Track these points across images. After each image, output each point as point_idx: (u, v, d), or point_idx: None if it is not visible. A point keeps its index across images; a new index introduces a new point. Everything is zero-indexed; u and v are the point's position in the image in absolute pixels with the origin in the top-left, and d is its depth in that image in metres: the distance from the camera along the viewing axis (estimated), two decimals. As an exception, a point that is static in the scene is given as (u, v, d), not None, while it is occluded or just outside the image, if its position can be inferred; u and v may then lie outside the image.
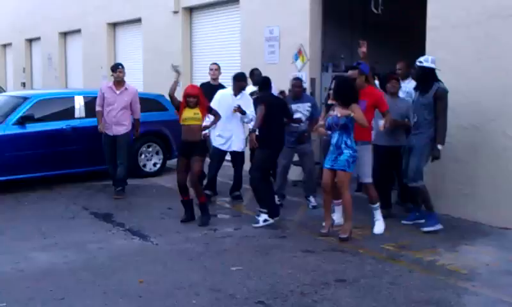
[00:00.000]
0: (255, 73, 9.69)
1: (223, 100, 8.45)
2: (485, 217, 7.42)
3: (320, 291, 5.23)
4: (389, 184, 7.93)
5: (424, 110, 6.77)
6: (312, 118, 8.14)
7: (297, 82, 8.32)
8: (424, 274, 5.70)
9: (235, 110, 8.30)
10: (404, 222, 7.33)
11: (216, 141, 8.64)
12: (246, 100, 8.49)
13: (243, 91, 8.57)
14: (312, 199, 8.39)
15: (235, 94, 8.46)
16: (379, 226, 7.00)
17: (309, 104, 8.28)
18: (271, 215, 7.33)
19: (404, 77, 8.30)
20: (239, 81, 8.48)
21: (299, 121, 8.03)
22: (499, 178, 7.30)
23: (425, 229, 6.99)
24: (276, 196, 7.82)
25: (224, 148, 8.60)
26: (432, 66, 6.86)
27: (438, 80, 6.89)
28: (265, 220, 7.31)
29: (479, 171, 7.45)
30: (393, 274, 5.70)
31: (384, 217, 7.21)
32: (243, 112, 8.28)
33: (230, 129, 8.48)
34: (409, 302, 5.01)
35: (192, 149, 7.41)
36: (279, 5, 10.93)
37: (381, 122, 7.13)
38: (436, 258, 6.18)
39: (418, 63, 6.83)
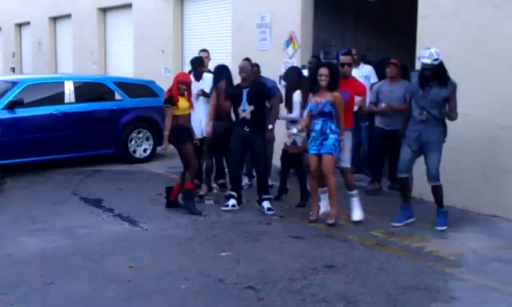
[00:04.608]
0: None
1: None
2: (473, 205, 7.48)
3: (309, 277, 5.26)
4: (381, 164, 8.53)
5: (441, 105, 6.56)
6: None
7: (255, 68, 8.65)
8: (411, 260, 5.75)
9: (198, 95, 8.20)
10: (394, 224, 6.86)
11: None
12: (208, 83, 8.37)
13: (203, 76, 8.38)
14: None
15: (197, 80, 8.30)
16: (357, 213, 6.99)
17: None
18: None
19: (357, 63, 9.01)
20: (197, 66, 8.36)
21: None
22: (488, 166, 7.35)
23: (441, 228, 6.70)
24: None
25: (200, 136, 8.49)
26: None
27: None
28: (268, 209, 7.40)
29: (468, 159, 7.49)
30: (381, 260, 5.74)
31: (374, 191, 8.19)
32: (207, 95, 8.19)
33: (199, 115, 8.19)
34: (397, 288, 5.05)
35: (191, 134, 7.47)
36: (270, -9, 10.90)
37: (358, 99, 7.16)
38: (424, 244, 6.23)
39: (433, 61, 6.38)
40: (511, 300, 4.91)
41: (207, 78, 8.41)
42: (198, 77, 8.34)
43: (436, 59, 6.41)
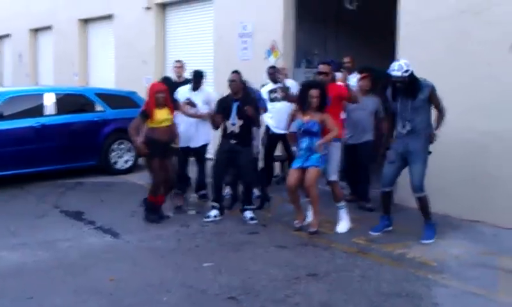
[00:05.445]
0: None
1: (181, 96, 8.36)
2: (455, 211, 7.52)
3: (292, 286, 5.24)
4: (356, 175, 8.27)
5: (421, 113, 6.50)
6: None
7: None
8: (394, 267, 5.75)
9: (185, 104, 8.22)
10: (372, 233, 6.83)
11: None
12: (205, 95, 8.45)
13: (201, 87, 8.48)
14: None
15: (193, 90, 8.38)
16: (343, 225, 6.98)
17: None
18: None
19: (351, 71, 8.88)
20: (200, 80, 8.44)
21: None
22: (469, 172, 7.39)
23: (426, 241, 6.55)
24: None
25: (184, 145, 8.35)
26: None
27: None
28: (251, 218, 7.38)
29: (448, 164, 7.53)
30: (363, 267, 5.74)
31: (352, 201, 7.95)
32: (193, 105, 8.21)
33: (190, 125, 8.26)
34: (380, 295, 5.04)
35: (166, 149, 7.39)
36: (252, 1, 10.92)
37: (339, 74, 7.04)
38: (406, 250, 6.24)
39: (403, 73, 6.36)
40: (495, 306, 4.93)
41: (205, 91, 8.52)
42: (196, 89, 8.38)
43: (406, 71, 6.39)
